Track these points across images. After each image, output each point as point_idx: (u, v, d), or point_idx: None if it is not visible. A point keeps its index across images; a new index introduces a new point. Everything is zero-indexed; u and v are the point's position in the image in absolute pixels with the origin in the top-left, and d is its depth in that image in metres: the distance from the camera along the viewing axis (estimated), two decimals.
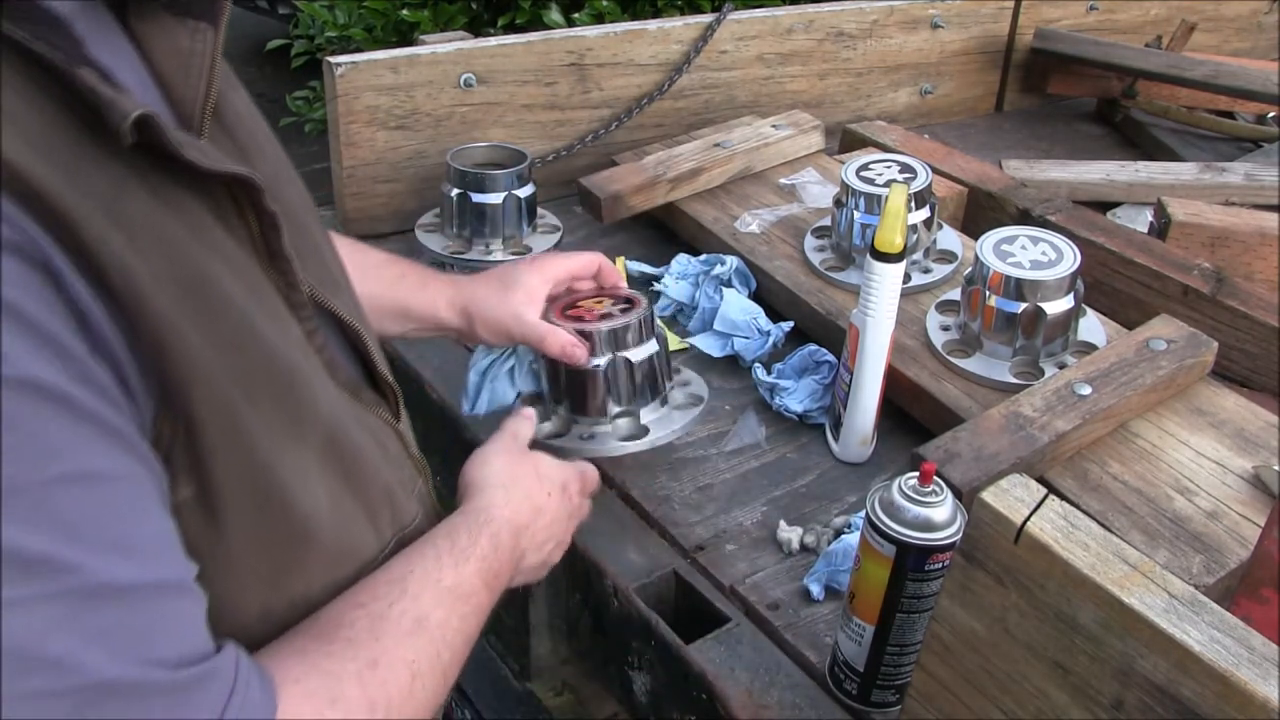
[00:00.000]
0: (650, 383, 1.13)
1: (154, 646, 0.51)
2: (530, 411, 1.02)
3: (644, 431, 1.13)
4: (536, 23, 2.49)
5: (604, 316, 1.10)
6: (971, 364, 1.27)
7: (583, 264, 1.14)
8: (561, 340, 1.06)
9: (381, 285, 1.05)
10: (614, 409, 1.12)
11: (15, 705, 0.46)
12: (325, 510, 0.66)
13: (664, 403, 1.16)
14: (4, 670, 0.46)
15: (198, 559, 0.57)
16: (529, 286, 1.09)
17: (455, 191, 1.52)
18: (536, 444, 1.09)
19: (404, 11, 2.51)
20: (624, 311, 1.11)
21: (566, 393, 1.12)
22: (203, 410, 0.56)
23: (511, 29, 2.48)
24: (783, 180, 1.70)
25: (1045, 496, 0.66)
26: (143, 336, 0.53)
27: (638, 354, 1.10)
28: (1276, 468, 1.12)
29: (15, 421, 0.46)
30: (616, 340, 1.09)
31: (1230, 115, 2.22)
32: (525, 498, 0.87)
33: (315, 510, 0.65)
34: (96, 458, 0.50)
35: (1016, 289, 1.24)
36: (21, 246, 0.48)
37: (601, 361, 1.09)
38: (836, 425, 1.24)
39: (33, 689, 0.47)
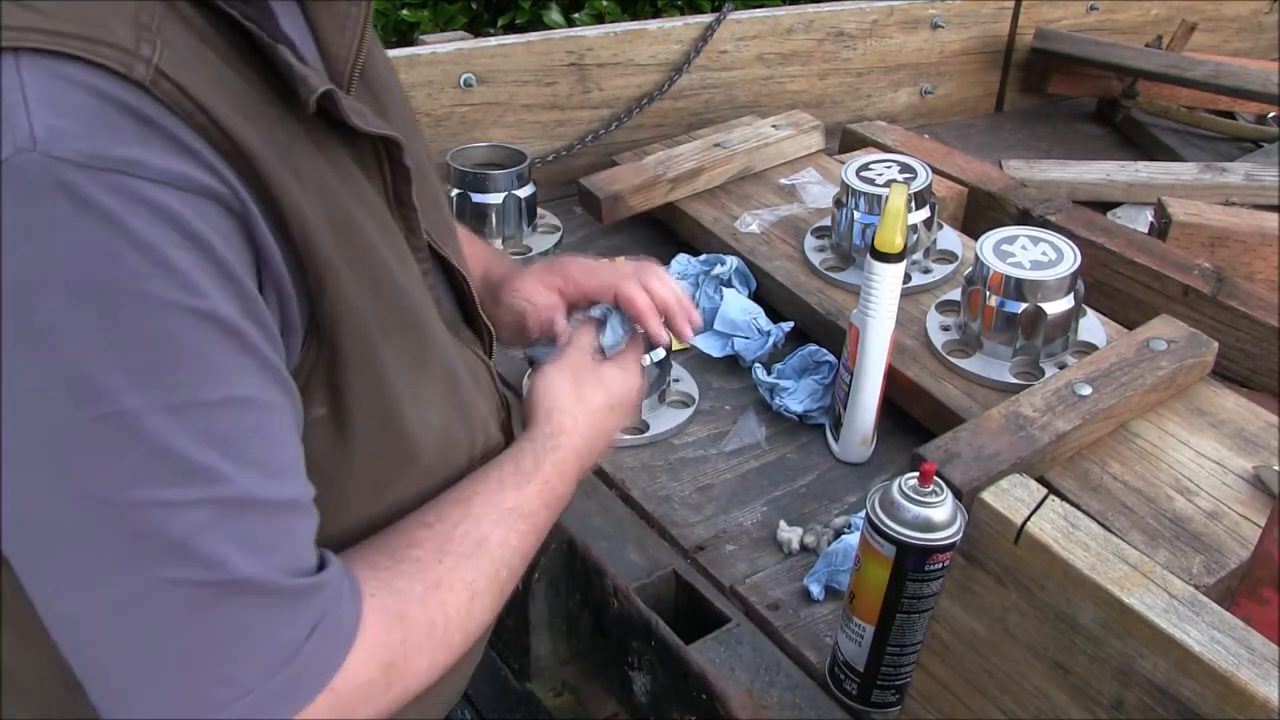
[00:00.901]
0: (657, 381, 1.24)
1: (281, 555, 0.59)
2: (590, 329, 0.94)
3: (645, 426, 1.23)
4: (536, 23, 2.49)
5: None
6: (971, 364, 1.27)
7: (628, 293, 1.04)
8: (539, 320, 0.99)
9: None
10: None
11: (168, 591, 0.55)
12: (435, 432, 0.73)
13: (661, 399, 1.27)
14: (162, 560, 0.54)
15: (320, 472, 0.64)
16: (567, 273, 1.01)
17: (455, 191, 1.52)
18: None
19: (404, 11, 2.51)
20: None
21: None
22: (348, 342, 0.64)
23: (511, 29, 2.48)
24: (783, 180, 1.70)
25: (1045, 497, 0.66)
26: (309, 274, 0.61)
27: (650, 357, 1.21)
28: (1276, 468, 1.12)
29: (199, 348, 0.54)
30: None
31: (1230, 115, 2.21)
32: (592, 420, 0.88)
33: (425, 432, 0.72)
34: (255, 387, 0.58)
35: (1017, 289, 1.24)
36: (224, 197, 0.56)
37: None
38: (836, 425, 1.24)
39: (184, 577, 0.55)
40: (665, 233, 1.69)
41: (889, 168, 1.47)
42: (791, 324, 1.42)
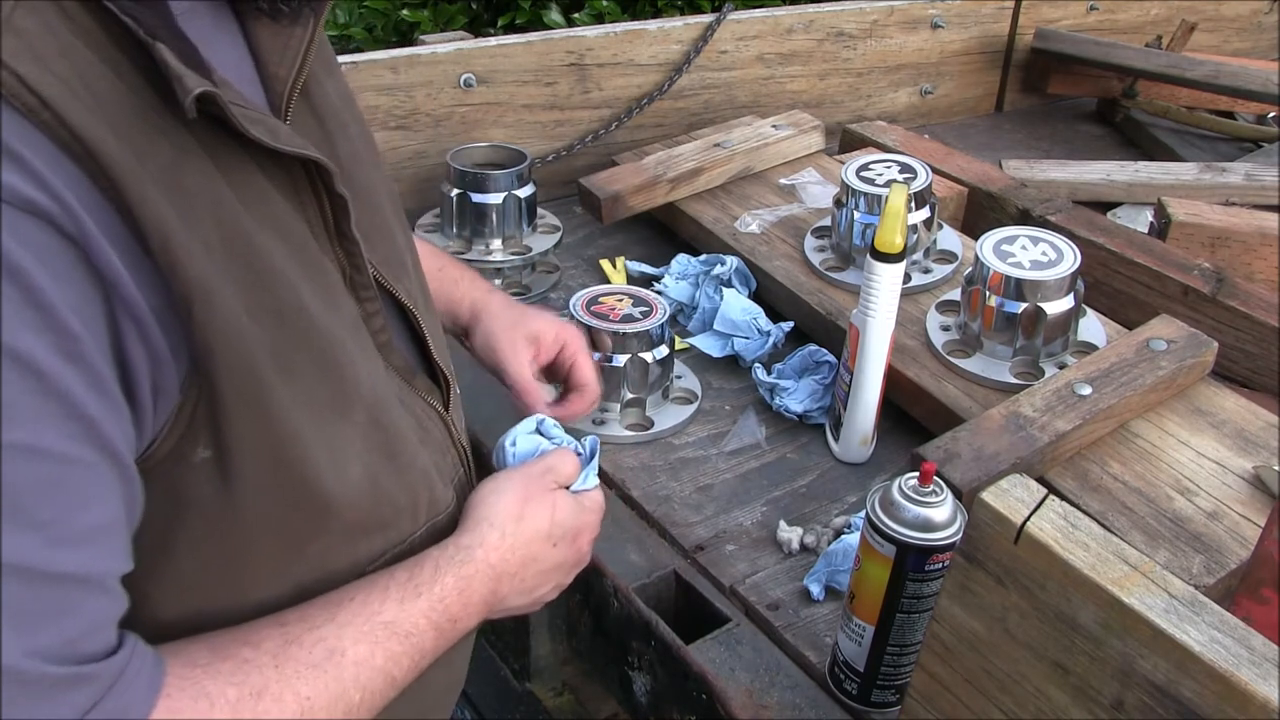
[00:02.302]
0: (659, 379, 1.28)
1: (47, 635, 0.51)
2: (572, 455, 0.88)
3: (649, 423, 1.27)
4: (536, 23, 2.49)
5: (626, 318, 1.24)
6: (971, 364, 1.27)
7: (580, 370, 1.12)
8: (535, 399, 1.05)
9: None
10: (628, 396, 1.26)
11: None
12: (356, 486, 0.67)
13: (665, 395, 1.31)
14: None
15: (209, 521, 0.59)
16: (539, 333, 1.07)
17: (455, 192, 1.52)
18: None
19: (404, 11, 2.51)
20: (645, 315, 1.25)
21: None
22: (224, 375, 0.57)
23: (511, 29, 2.48)
24: (783, 180, 1.70)
25: (1045, 497, 0.66)
26: (174, 297, 0.55)
27: (654, 355, 1.25)
28: (1276, 468, 1.12)
29: None
30: (639, 342, 1.24)
31: (1230, 115, 2.21)
32: (524, 545, 0.80)
33: (341, 485, 0.65)
34: (52, 437, 0.50)
35: (1016, 289, 1.24)
36: (50, 214, 0.49)
37: (623, 359, 1.23)
38: (836, 425, 1.24)
39: None
40: (665, 233, 1.69)
41: (889, 168, 1.47)
42: (791, 324, 1.42)
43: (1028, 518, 0.64)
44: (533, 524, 0.80)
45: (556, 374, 1.12)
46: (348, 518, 0.67)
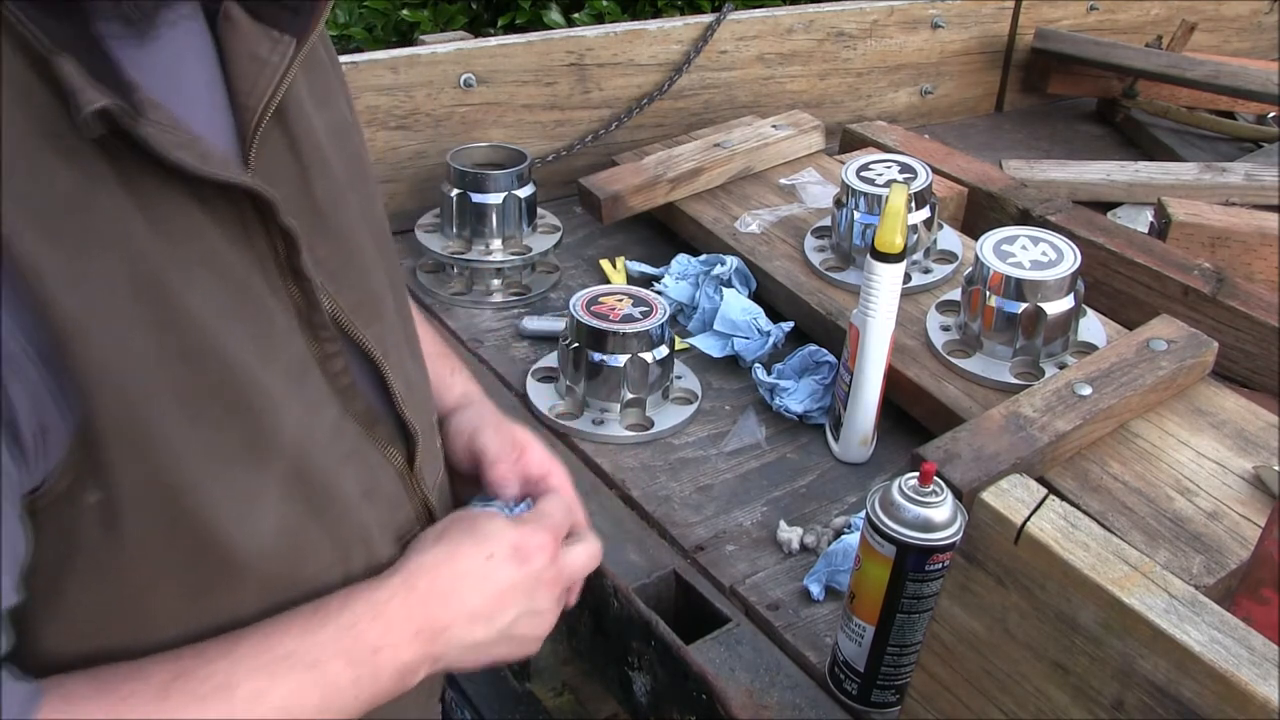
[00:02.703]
0: (659, 379, 1.28)
1: None
2: (495, 513, 0.81)
3: (649, 423, 1.27)
4: (536, 23, 2.49)
5: (626, 318, 1.24)
6: (971, 364, 1.27)
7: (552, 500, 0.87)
8: (509, 494, 0.86)
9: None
10: (628, 396, 1.26)
11: None
12: (270, 539, 0.63)
13: (665, 395, 1.31)
14: None
15: (100, 567, 0.57)
16: (530, 446, 0.88)
17: (455, 192, 1.52)
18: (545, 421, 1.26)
19: (404, 11, 2.51)
20: (645, 314, 1.25)
21: (586, 376, 1.26)
22: (105, 417, 0.54)
23: (511, 29, 2.48)
24: (783, 180, 1.70)
25: (1045, 497, 0.66)
26: (48, 332, 0.52)
27: (654, 355, 1.25)
28: (1276, 468, 1.12)
29: None
30: (639, 342, 1.24)
31: (1230, 115, 2.21)
32: (448, 559, 0.73)
33: (250, 537, 0.62)
34: None
35: (1016, 289, 1.24)
36: None
37: (623, 359, 1.23)
38: (836, 425, 1.24)
39: None
40: (665, 233, 1.69)
41: (889, 168, 1.47)
42: (791, 324, 1.42)
43: (1028, 518, 0.64)
44: (455, 539, 0.75)
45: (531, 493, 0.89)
46: (261, 570, 0.63)
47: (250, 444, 0.61)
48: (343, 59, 1.56)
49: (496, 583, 0.74)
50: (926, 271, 1.45)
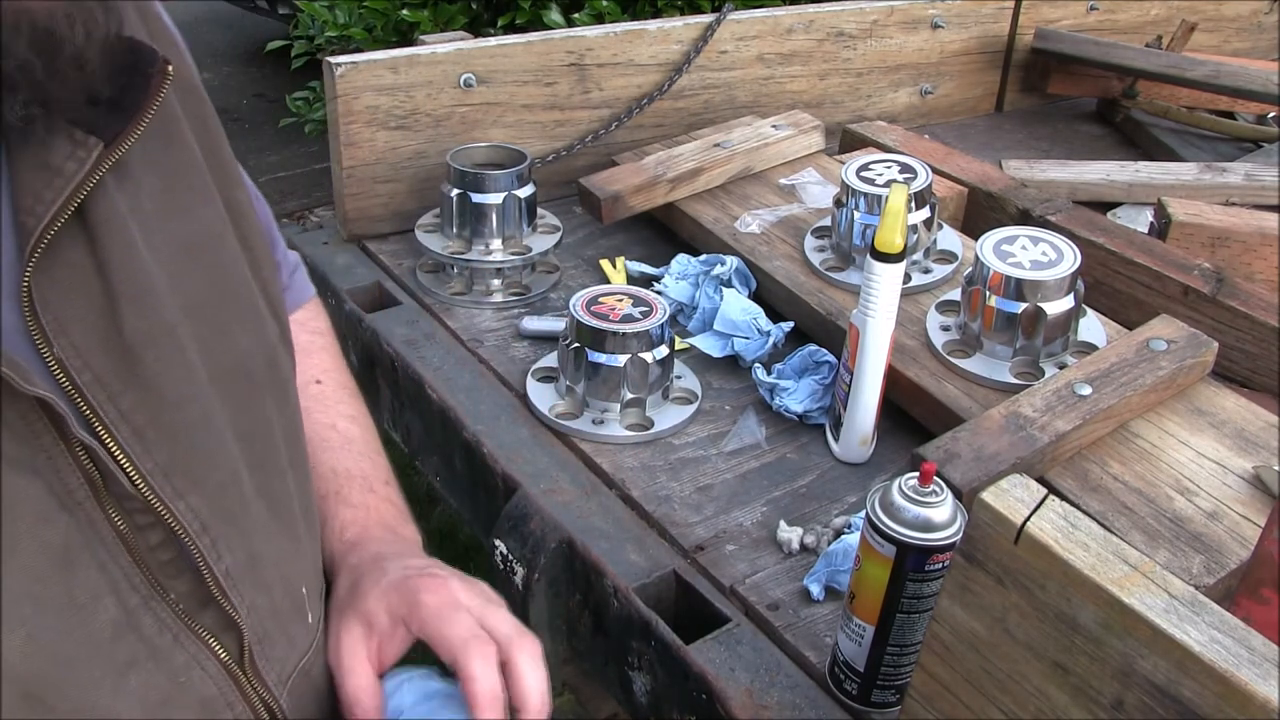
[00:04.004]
0: (659, 379, 1.28)
1: None
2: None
3: (650, 423, 1.27)
4: (536, 23, 2.49)
5: (626, 318, 1.25)
6: (971, 364, 1.27)
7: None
8: (353, 690, 0.73)
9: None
10: (628, 396, 1.26)
11: None
12: None
13: (665, 395, 1.31)
14: None
15: None
16: (417, 604, 0.73)
17: (455, 192, 1.52)
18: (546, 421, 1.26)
19: (404, 11, 2.51)
20: (645, 314, 1.25)
21: (586, 377, 1.26)
22: None
23: (511, 29, 2.48)
24: (783, 180, 1.70)
25: (1045, 497, 0.66)
26: None
27: (654, 355, 1.25)
28: (1276, 468, 1.12)
29: None
30: (639, 342, 1.24)
31: (1230, 115, 2.21)
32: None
33: None
34: None
35: (1016, 289, 1.24)
36: None
37: (623, 359, 1.24)
38: (836, 425, 1.24)
39: None
40: (665, 233, 1.69)
41: (889, 168, 1.47)
42: (791, 324, 1.42)
43: (1028, 518, 0.64)
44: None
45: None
46: None
47: None
48: (343, 59, 1.56)
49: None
50: (926, 271, 1.45)
